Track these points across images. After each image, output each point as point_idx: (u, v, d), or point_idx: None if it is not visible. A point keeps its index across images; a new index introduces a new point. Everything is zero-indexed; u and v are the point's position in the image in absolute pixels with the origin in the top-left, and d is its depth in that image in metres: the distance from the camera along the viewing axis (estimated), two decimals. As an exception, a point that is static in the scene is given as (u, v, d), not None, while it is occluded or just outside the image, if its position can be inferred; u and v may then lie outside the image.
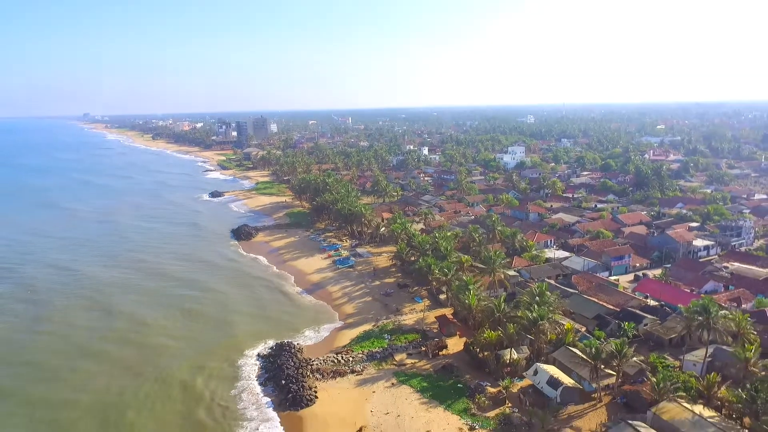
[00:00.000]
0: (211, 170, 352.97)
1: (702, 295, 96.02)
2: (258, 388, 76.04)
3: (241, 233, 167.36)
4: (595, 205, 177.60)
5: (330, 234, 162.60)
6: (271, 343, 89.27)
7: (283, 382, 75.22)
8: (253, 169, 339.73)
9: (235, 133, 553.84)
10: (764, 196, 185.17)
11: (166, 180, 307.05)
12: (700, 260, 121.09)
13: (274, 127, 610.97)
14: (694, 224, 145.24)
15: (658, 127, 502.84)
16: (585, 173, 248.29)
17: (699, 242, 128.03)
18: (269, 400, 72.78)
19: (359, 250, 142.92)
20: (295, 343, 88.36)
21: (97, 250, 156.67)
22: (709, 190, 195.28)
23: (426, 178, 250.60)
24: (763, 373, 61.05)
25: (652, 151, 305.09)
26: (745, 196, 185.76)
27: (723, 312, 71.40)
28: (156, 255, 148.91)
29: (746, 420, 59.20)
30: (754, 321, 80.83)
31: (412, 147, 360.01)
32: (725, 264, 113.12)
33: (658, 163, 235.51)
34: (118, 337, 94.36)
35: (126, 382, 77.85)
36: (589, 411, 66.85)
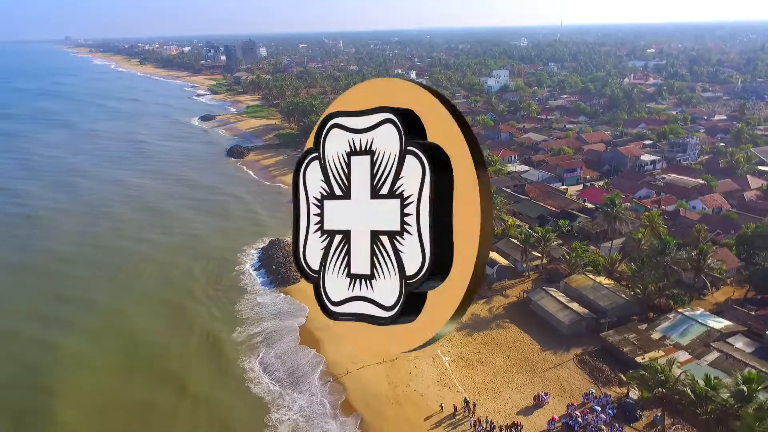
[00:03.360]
0: (202, 94, 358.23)
1: (634, 199, 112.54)
2: (255, 272, 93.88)
3: (235, 152, 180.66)
4: (564, 126, 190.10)
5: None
6: (267, 240, 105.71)
7: (273, 267, 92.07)
8: (243, 93, 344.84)
9: (224, 58, 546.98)
10: (724, 117, 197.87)
11: (166, 102, 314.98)
12: (646, 173, 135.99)
13: (263, 51, 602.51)
14: (648, 142, 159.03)
15: (648, 50, 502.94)
16: (564, 96, 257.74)
17: (646, 157, 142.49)
18: (263, 280, 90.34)
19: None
20: (285, 240, 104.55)
21: (130, 164, 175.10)
22: (675, 112, 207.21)
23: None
24: (646, 247, 77.66)
25: (632, 75, 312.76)
26: (706, 117, 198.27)
27: (626, 204, 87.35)
28: (179, 167, 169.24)
29: (634, 286, 76.39)
30: (667, 218, 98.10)
31: (400, 71, 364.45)
32: (663, 175, 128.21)
33: (631, 86, 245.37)
34: (167, 230, 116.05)
35: (177, 259, 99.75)
36: (518, 283, 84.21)
